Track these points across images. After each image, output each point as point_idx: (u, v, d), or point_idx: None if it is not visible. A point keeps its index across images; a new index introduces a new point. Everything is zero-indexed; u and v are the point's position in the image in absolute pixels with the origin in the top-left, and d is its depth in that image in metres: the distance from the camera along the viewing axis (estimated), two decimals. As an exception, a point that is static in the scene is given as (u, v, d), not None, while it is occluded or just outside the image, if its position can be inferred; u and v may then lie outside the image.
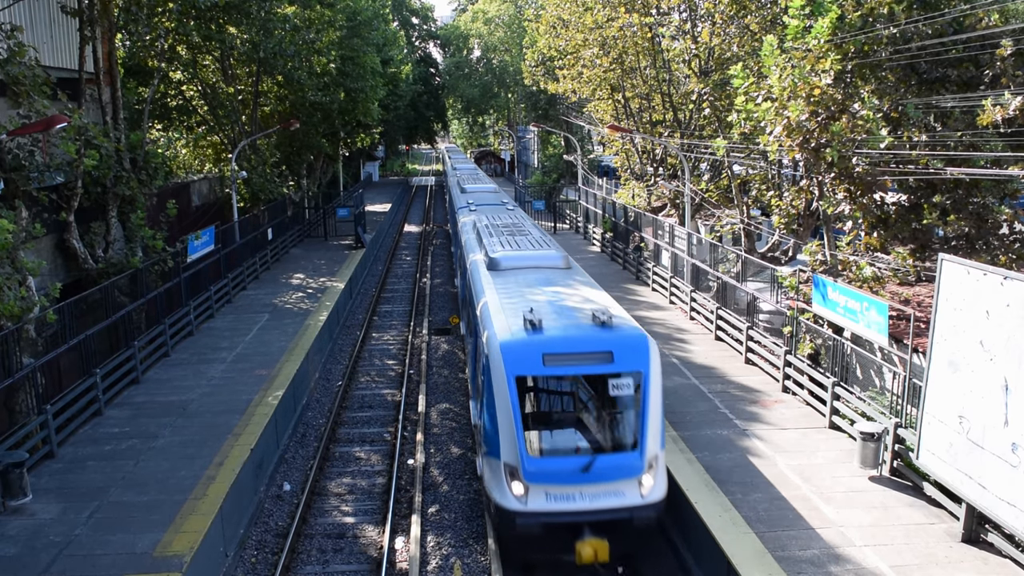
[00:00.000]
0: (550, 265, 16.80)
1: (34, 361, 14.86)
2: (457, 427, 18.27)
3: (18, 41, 16.22)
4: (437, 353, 24.25)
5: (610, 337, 12.02)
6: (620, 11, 29.75)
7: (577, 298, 14.36)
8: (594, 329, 12.26)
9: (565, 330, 12.28)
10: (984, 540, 11.06)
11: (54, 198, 18.50)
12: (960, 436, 10.90)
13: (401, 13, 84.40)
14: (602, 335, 12.08)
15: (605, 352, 11.76)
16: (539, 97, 61.67)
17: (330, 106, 39.71)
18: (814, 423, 15.52)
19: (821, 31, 15.91)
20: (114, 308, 18.45)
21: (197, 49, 33.28)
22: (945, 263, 11.26)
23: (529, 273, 16.07)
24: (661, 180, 32.50)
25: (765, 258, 22.76)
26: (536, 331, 12.07)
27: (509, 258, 16.93)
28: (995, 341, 10.19)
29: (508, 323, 12.53)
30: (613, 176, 49.87)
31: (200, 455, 14.38)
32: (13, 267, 14.81)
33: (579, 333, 12.23)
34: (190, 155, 41.33)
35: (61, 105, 17.60)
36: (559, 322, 12.57)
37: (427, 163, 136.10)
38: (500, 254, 17.15)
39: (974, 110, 14.59)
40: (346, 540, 13.84)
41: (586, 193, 44.33)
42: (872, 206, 16.45)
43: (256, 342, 21.77)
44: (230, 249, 27.99)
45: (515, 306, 13.37)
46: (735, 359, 19.70)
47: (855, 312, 14.45)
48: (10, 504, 12.44)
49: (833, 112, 15.90)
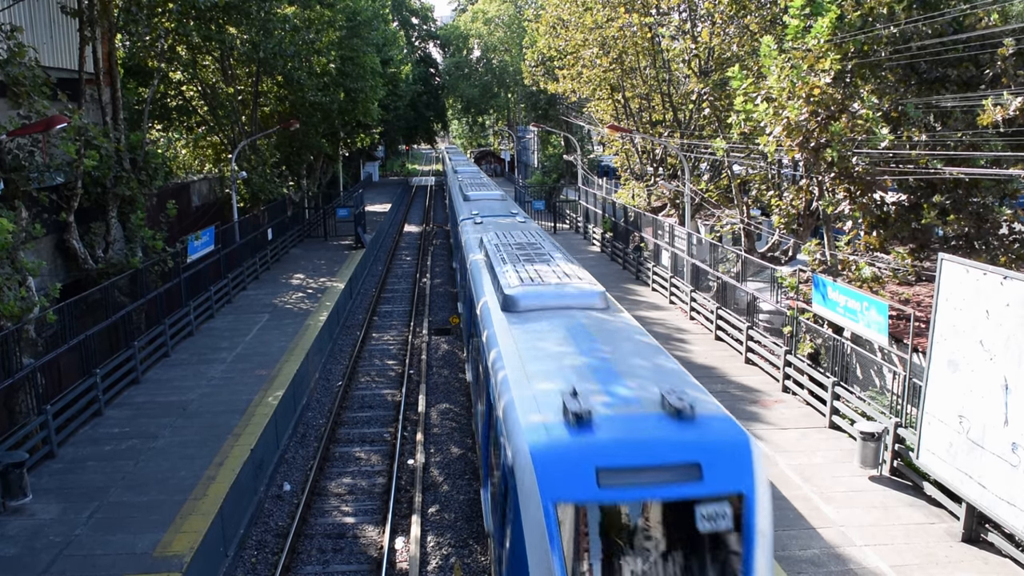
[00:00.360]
0: (584, 304, 12.37)
1: (34, 361, 14.86)
2: (457, 427, 18.26)
3: (18, 42, 16.23)
4: (437, 353, 24.24)
5: (695, 438, 7.90)
6: (620, 11, 29.75)
7: (632, 361, 10.10)
8: (668, 423, 8.03)
9: (626, 425, 8.01)
10: (984, 539, 11.06)
11: (54, 198, 18.50)
12: (960, 436, 10.90)
13: (401, 13, 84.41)
14: (683, 434, 7.94)
15: (690, 464, 7.68)
16: (539, 97, 61.67)
17: (330, 106, 39.72)
18: (814, 423, 15.53)
19: (821, 31, 15.91)
20: (114, 308, 18.45)
21: (197, 49, 33.29)
22: (945, 263, 11.26)
23: (558, 316, 11.92)
24: (661, 180, 32.50)
25: (765, 258, 22.76)
26: (583, 427, 7.83)
27: (530, 295, 12.50)
28: (995, 341, 10.19)
29: (539, 409, 8.36)
30: (613, 176, 49.89)
31: (200, 455, 14.38)
32: (13, 267, 14.82)
33: (648, 431, 7.95)
34: (190, 155, 41.33)
35: (61, 105, 17.60)
36: (615, 409, 8.30)
37: (427, 163, 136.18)
38: (518, 290, 12.63)
39: (974, 110, 14.59)
40: (346, 540, 13.84)
41: (586, 193, 44.34)
42: (872, 206, 16.44)
43: (256, 342, 21.77)
44: (230, 249, 28.01)
45: (546, 375, 9.44)
46: (735, 359, 19.71)
47: (855, 312, 14.46)
48: (10, 504, 12.45)
49: (833, 112, 15.90)
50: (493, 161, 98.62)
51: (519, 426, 8.10)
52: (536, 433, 7.84)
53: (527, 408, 8.43)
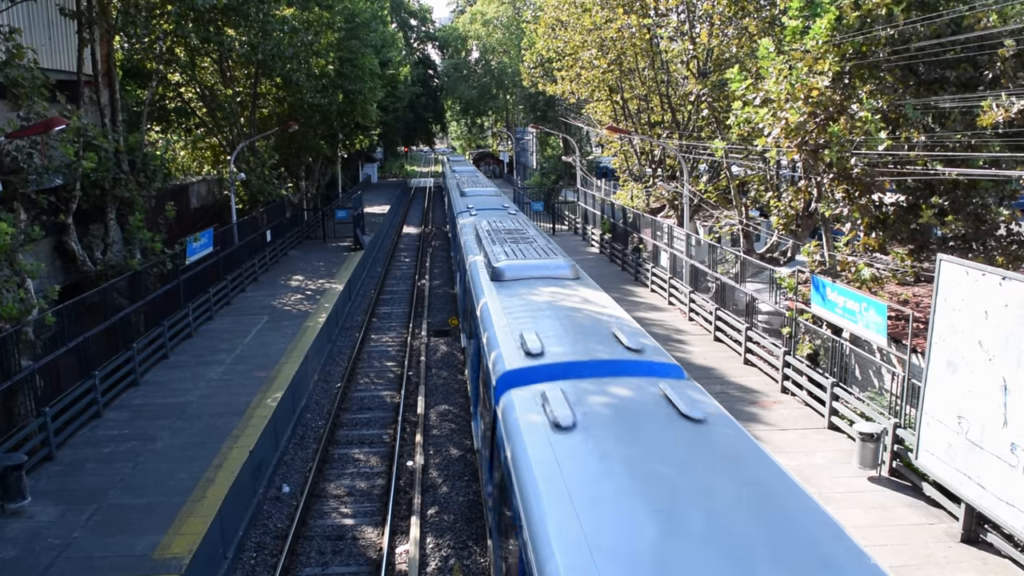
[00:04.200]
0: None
1: (33, 363, 14.84)
2: (456, 428, 18.25)
3: (17, 43, 16.22)
4: (436, 355, 24.23)
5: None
6: (618, 12, 29.78)
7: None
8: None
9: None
10: (983, 540, 11.06)
11: (53, 200, 18.48)
12: (959, 436, 10.91)
13: (399, 15, 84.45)
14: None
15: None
16: (537, 98, 61.68)
17: (328, 108, 39.72)
18: (813, 424, 15.53)
19: (819, 32, 15.93)
20: (113, 310, 18.43)
21: (195, 51, 33.28)
22: (944, 263, 11.27)
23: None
24: (660, 181, 32.52)
25: (764, 259, 22.76)
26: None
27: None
28: (994, 341, 10.20)
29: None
30: (612, 177, 49.89)
31: (199, 457, 14.37)
32: (12, 269, 14.81)
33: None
34: (188, 157, 41.32)
35: (60, 107, 17.60)
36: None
37: (425, 164, 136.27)
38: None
39: (973, 111, 14.60)
40: (345, 542, 13.83)
41: (585, 194, 44.36)
42: (871, 207, 16.46)
43: (255, 344, 21.76)
44: (229, 251, 27.99)
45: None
46: (734, 360, 19.71)
47: (854, 312, 14.47)
48: (9, 507, 12.42)
49: (831, 113, 15.91)
50: (492, 162, 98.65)
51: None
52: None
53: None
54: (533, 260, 15.03)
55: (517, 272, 14.25)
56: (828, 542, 5.51)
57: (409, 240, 50.73)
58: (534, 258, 15.28)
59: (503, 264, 14.46)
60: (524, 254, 15.66)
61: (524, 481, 6.65)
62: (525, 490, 6.51)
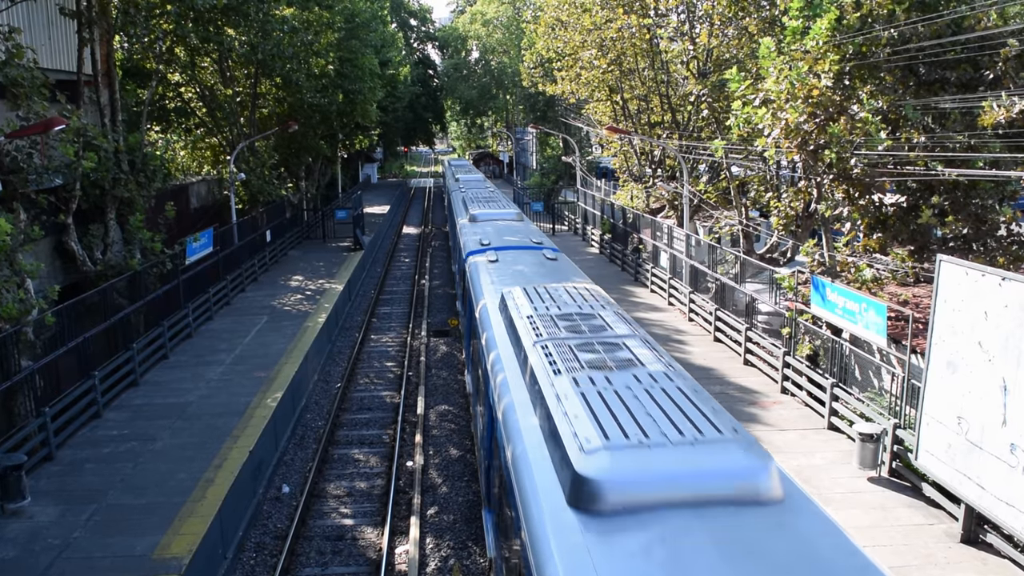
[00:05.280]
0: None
1: (33, 363, 14.84)
2: (456, 429, 18.25)
3: (16, 43, 16.22)
4: (436, 355, 24.22)
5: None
6: (618, 12, 29.78)
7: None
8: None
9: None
10: (983, 541, 11.06)
11: (52, 200, 18.48)
12: (959, 437, 10.91)
13: (399, 15, 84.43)
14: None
15: None
16: (537, 99, 61.71)
17: (328, 108, 39.69)
18: (813, 424, 15.53)
19: (819, 32, 15.93)
20: (113, 310, 18.43)
21: (195, 51, 33.25)
22: (943, 264, 11.27)
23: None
24: (659, 181, 32.52)
25: (764, 259, 22.77)
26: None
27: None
28: (993, 342, 10.20)
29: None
30: (612, 178, 49.89)
31: (199, 457, 14.37)
32: (11, 269, 14.80)
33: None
34: (188, 157, 41.31)
35: (60, 107, 17.59)
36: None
37: (425, 164, 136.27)
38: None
39: (973, 112, 14.60)
40: (345, 542, 13.83)
41: (584, 195, 44.36)
42: (871, 207, 16.46)
43: (255, 344, 21.75)
44: (228, 251, 27.99)
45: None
46: (734, 360, 19.71)
47: (853, 313, 14.47)
48: (8, 507, 12.42)
49: (832, 113, 15.91)
50: (492, 163, 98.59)
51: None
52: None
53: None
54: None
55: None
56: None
57: (409, 240, 50.73)
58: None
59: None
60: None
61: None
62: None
